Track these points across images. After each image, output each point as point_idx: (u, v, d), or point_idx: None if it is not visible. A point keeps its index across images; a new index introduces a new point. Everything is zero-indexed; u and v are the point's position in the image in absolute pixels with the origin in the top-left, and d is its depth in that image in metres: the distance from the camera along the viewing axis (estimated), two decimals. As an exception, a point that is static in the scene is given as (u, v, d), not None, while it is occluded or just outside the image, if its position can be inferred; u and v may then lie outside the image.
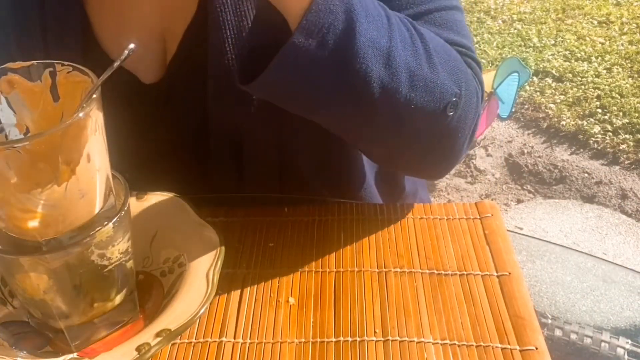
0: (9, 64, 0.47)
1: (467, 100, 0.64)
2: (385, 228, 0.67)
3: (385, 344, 0.55)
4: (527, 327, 0.56)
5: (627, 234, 1.99)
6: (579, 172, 2.31)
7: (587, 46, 2.99)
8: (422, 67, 0.58)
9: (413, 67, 0.57)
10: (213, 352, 0.55)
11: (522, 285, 0.60)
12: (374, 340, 0.55)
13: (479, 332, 0.56)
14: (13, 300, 0.55)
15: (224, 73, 0.66)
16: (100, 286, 0.51)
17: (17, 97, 0.47)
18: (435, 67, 0.59)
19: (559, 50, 2.99)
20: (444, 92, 0.60)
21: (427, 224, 0.68)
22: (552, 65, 2.87)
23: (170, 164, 0.72)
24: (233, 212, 0.69)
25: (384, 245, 0.65)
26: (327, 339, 0.55)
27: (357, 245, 0.65)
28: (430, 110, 0.59)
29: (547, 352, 0.54)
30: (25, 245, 0.47)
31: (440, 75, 0.59)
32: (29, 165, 0.43)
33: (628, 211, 2.13)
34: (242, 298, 0.60)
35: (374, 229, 0.67)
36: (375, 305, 0.58)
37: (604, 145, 2.41)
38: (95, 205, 0.48)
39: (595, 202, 2.18)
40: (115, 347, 0.50)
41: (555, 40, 3.09)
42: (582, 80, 2.75)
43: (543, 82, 2.77)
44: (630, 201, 2.17)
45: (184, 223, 0.59)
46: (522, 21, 3.29)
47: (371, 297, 0.59)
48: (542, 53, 2.98)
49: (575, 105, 2.62)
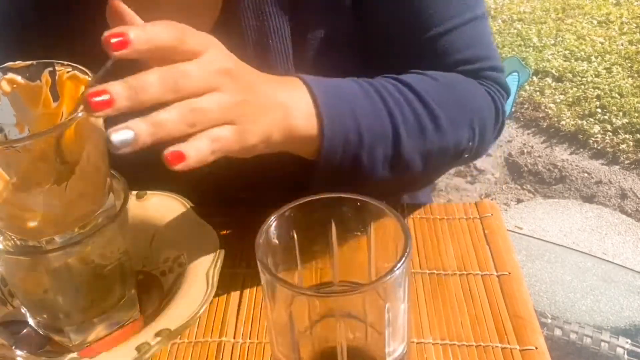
0: (9, 64, 0.47)
1: (482, 130, 0.66)
2: (385, 228, 0.67)
3: (385, 344, 0.54)
4: (527, 327, 0.56)
5: (627, 234, 2.00)
6: (578, 171, 2.31)
7: (587, 46, 2.99)
8: (432, 142, 0.61)
9: (423, 148, 0.61)
10: (213, 352, 0.55)
11: (522, 285, 0.60)
12: (374, 340, 0.55)
13: (478, 332, 0.56)
14: (13, 300, 0.55)
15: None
16: (99, 286, 0.51)
17: (17, 97, 0.47)
18: (444, 130, 0.62)
19: (558, 50, 2.99)
20: (458, 145, 0.63)
21: (427, 223, 0.68)
22: (552, 64, 2.87)
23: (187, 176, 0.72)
24: (233, 212, 0.69)
25: (383, 245, 0.65)
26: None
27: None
28: (445, 163, 0.64)
29: (546, 351, 0.54)
30: (26, 245, 0.47)
31: (450, 135, 0.62)
32: (29, 165, 0.43)
33: (628, 211, 2.13)
34: (242, 298, 0.60)
35: (373, 228, 0.67)
36: (375, 305, 0.58)
37: (603, 145, 2.41)
38: (95, 205, 0.48)
39: (595, 202, 2.18)
40: (115, 347, 0.50)
41: (555, 39, 3.09)
42: (582, 80, 2.75)
43: (543, 81, 2.77)
44: (630, 201, 2.17)
45: (184, 223, 0.59)
46: (522, 21, 3.29)
47: (371, 296, 0.59)
48: (542, 53, 2.98)
49: (575, 105, 2.62)
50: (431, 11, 0.68)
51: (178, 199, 0.62)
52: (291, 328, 0.42)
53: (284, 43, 0.66)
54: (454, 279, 0.61)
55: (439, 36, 0.68)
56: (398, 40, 0.70)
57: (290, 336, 0.42)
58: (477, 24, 0.70)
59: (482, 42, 0.71)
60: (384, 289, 0.40)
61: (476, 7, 0.70)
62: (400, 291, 0.41)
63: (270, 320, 0.43)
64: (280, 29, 0.66)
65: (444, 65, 0.69)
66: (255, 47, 0.66)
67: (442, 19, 0.68)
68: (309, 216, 0.44)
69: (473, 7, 0.70)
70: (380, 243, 0.45)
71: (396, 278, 0.40)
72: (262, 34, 0.66)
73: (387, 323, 0.41)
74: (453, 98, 0.65)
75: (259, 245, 0.41)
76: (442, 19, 0.68)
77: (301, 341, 0.42)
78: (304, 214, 0.44)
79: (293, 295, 0.40)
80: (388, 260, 0.43)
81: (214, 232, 0.58)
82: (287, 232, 0.44)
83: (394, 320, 0.42)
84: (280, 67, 0.67)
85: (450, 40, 0.68)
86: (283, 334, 0.43)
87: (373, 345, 0.43)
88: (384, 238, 0.44)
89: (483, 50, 0.71)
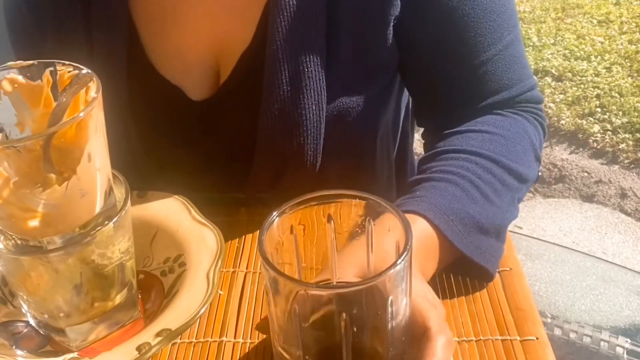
0: (9, 63, 0.47)
1: (540, 153, 0.73)
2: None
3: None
4: (528, 319, 0.56)
5: (627, 233, 2.00)
6: (578, 171, 2.31)
7: (586, 45, 2.99)
8: (520, 190, 0.67)
9: (514, 200, 0.67)
10: (213, 352, 0.55)
11: (523, 280, 0.61)
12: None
13: (479, 327, 0.56)
14: (13, 300, 0.55)
15: (278, 105, 0.67)
16: (100, 286, 0.51)
17: (17, 97, 0.47)
18: (525, 178, 0.67)
19: (558, 50, 2.99)
20: (534, 179, 0.70)
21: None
22: (552, 64, 2.87)
23: (197, 183, 0.71)
24: (233, 212, 0.69)
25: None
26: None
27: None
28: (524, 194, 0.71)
29: (548, 342, 0.54)
30: (26, 244, 0.47)
31: (530, 178, 0.69)
32: (30, 164, 0.43)
33: (627, 210, 2.13)
34: (242, 298, 0.60)
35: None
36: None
37: (603, 144, 2.42)
38: (95, 205, 0.48)
39: (594, 202, 2.18)
40: (115, 347, 0.50)
41: (554, 39, 3.09)
42: (582, 80, 2.75)
43: (542, 81, 2.77)
44: (630, 200, 2.17)
45: (184, 223, 0.59)
46: (522, 20, 3.29)
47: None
48: (542, 52, 2.98)
49: (574, 104, 2.62)
50: (476, 40, 0.68)
51: (178, 199, 0.62)
52: (294, 323, 0.42)
53: (319, 72, 0.66)
54: (455, 276, 0.61)
55: (481, 64, 0.69)
56: (441, 69, 0.71)
57: (293, 331, 0.42)
58: (515, 45, 0.71)
59: (520, 63, 0.72)
60: (386, 283, 0.40)
61: (514, 26, 0.71)
62: (402, 284, 0.41)
63: (273, 316, 0.43)
64: (316, 57, 0.66)
65: (488, 91, 0.71)
66: (290, 74, 0.66)
67: (485, 45, 0.69)
68: (310, 213, 0.45)
69: (512, 27, 0.71)
70: (379, 238, 0.46)
71: (398, 271, 0.40)
72: (297, 62, 0.66)
73: (389, 317, 0.42)
74: (521, 148, 0.68)
75: (262, 241, 0.42)
76: (486, 45, 0.69)
77: (304, 336, 0.42)
78: (305, 210, 0.45)
79: (296, 290, 0.41)
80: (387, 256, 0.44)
81: (214, 232, 0.58)
82: (288, 229, 0.45)
83: (396, 314, 0.42)
84: (313, 93, 0.67)
85: (493, 68, 0.70)
86: (286, 329, 0.43)
87: (376, 339, 0.43)
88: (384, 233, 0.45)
89: (522, 71, 0.72)
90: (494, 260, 0.60)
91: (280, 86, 0.66)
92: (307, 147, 0.68)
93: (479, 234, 0.60)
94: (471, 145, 0.66)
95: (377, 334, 0.43)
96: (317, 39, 0.66)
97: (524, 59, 0.73)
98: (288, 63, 0.66)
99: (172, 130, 0.73)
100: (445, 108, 0.73)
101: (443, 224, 0.57)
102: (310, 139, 0.68)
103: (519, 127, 0.70)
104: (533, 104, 0.74)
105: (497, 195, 0.63)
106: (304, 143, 0.68)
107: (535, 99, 0.74)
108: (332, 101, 0.68)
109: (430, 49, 0.70)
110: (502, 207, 0.63)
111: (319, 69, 0.66)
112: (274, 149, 0.69)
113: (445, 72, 0.70)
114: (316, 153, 0.69)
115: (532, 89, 0.74)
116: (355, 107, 0.69)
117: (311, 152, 0.69)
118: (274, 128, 0.68)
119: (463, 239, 0.58)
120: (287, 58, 0.66)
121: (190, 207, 0.61)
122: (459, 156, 0.65)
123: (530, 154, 0.69)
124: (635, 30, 3.12)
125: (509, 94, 0.71)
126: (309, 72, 0.66)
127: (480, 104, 0.71)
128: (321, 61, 0.66)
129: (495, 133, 0.68)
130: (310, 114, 0.67)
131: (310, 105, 0.67)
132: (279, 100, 0.66)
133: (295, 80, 0.66)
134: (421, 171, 0.66)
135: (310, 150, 0.69)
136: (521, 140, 0.69)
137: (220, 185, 0.73)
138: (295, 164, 0.70)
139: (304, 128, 0.67)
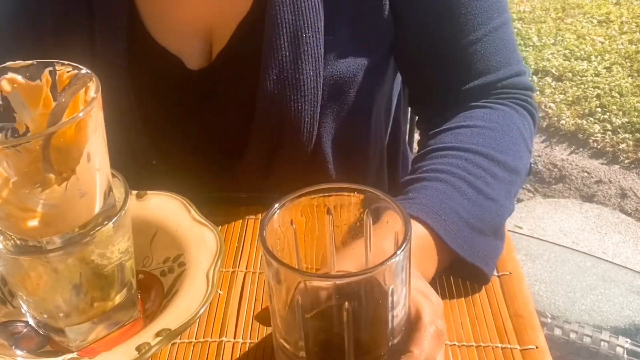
0: (9, 63, 0.47)
1: (532, 143, 0.73)
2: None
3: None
4: (528, 326, 0.56)
5: (627, 233, 2.00)
6: (578, 171, 2.31)
7: (586, 45, 2.99)
8: (513, 183, 0.66)
9: (509, 194, 0.66)
10: (213, 352, 0.55)
11: (523, 285, 0.60)
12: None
13: (478, 332, 0.56)
14: (13, 300, 0.55)
15: (277, 69, 0.68)
16: (100, 285, 0.51)
17: (17, 97, 0.47)
18: (517, 170, 0.67)
19: (558, 50, 2.99)
20: (525, 170, 0.70)
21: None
22: (552, 64, 2.87)
23: (196, 157, 0.73)
24: (233, 212, 0.69)
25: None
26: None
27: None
28: (519, 187, 0.70)
29: (547, 351, 0.54)
30: (26, 244, 0.47)
31: (521, 168, 0.68)
32: (29, 164, 0.43)
33: (627, 210, 2.13)
34: (241, 298, 0.60)
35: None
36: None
37: (603, 144, 2.41)
38: (95, 205, 0.48)
39: (594, 201, 2.18)
40: (115, 347, 0.50)
41: (554, 39, 3.09)
42: (582, 80, 2.75)
43: (543, 81, 2.77)
44: (630, 200, 2.17)
45: (184, 222, 0.59)
46: (522, 20, 3.29)
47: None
48: (542, 52, 2.98)
49: (574, 104, 2.62)
50: (466, 18, 0.69)
51: (178, 199, 0.62)
52: (296, 315, 0.42)
53: (317, 38, 0.68)
54: (455, 279, 0.61)
55: (470, 44, 0.70)
56: (430, 47, 0.72)
57: (295, 323, 0.43)
58: (505, 29, 0.72)
59: (510, 47, 0.73)
60: (387, 272, 0.41)
61: (504, 10, 0.72)
62: (402, 274, 0.42)
63: (275, 309, 0.43)
64: (315, 23, 0.67)
65: (476, 72, 0.71)
66: (289, 39, 0.67)
67: (475, 25, 0.70)
68: (310, 206, 0.45)
69: (502, 11, 0.72)
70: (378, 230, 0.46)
71: (399, 261, 0.41)
72: (296, 28, 0.67)
73: (390, 306, 0.42)
74: (509, 139, 0.68)
75: (264, 232, 0.42)
76: (475, 25, 0.70)
77: (306, 327, 0.43)
78: (305, 203, 0.45)
79: (298, 280, 0.41)
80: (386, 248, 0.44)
81: (214, 232, 0.58)
82: (288, 221, 0.45)
83: (396, 304, 0.42)
84: (311, 59, 0.68)
85: (482, 49, 0.70)
86: (287, 321, 0.43)
87: (376, 328, 0.44)
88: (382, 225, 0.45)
89: (511, 55, 0.73)
90: (490, 260, 0.60)
91: (279, 50, 0.67)
92: (305, 114, 0.69)
93: (474, 231, 0.59)
94: (460, 141, 0.67)
95: (377, 324, 0.44)
96: (315, 4, 0.67)
97: (513, 43, 0.73)
98: (287, 28, 0.67)
99: (171, 101, 0.73)
100: (434, 91, 0.74)
101: (436, 224, 0.58)
102: (308, 106, 0.69)
103: (507, 118, 0.70)
104: (521, 90, 0.74)
105: (489, 188, 0.63)
106: (301, 109, 0.69)
107: (523, 84, 0.74)
108: (329, 68, 0.69)
109: (420, 26, 0.71)
110: (495, 200, 0.63)
111: (317, 35, 0.67)
112: (272, 115, 0.70)
113: (434, 50, 0.71)
114: (313, 121, 0.70)
115: (521, 75, 0.74)
116: (351, 78, 0.70)
117: (308, 118, 0.70)
118: (272, 92, 0.68)
119: (457, 238, 0.58)
120: (286, 23, 0.67)
121: (190, 207, 0.61)
122: (448, 153, 0.65)
123: (519, 145, 0.69)
124: (635, 30, 3.12)
125: (496, 76, 0.72)
126: (307, 37, 0.67)
127: (468, 85, 0.71)
128: (319, 27, 0.67)
129: (483, 127, 0.68)
130: (308, 80, 0.68)
131: (308, 70, 0.68)
132: (278, 65, 0.67)
133: (293, 45, 0.67)
134: (413, 171, 0.67)
135: (308, 117, 0.69)
136: (509, 131, 0.69)
137: (219, 159, 0.74)
138: (291, 135, 0.70)
139: (302, 93, 0.68)
